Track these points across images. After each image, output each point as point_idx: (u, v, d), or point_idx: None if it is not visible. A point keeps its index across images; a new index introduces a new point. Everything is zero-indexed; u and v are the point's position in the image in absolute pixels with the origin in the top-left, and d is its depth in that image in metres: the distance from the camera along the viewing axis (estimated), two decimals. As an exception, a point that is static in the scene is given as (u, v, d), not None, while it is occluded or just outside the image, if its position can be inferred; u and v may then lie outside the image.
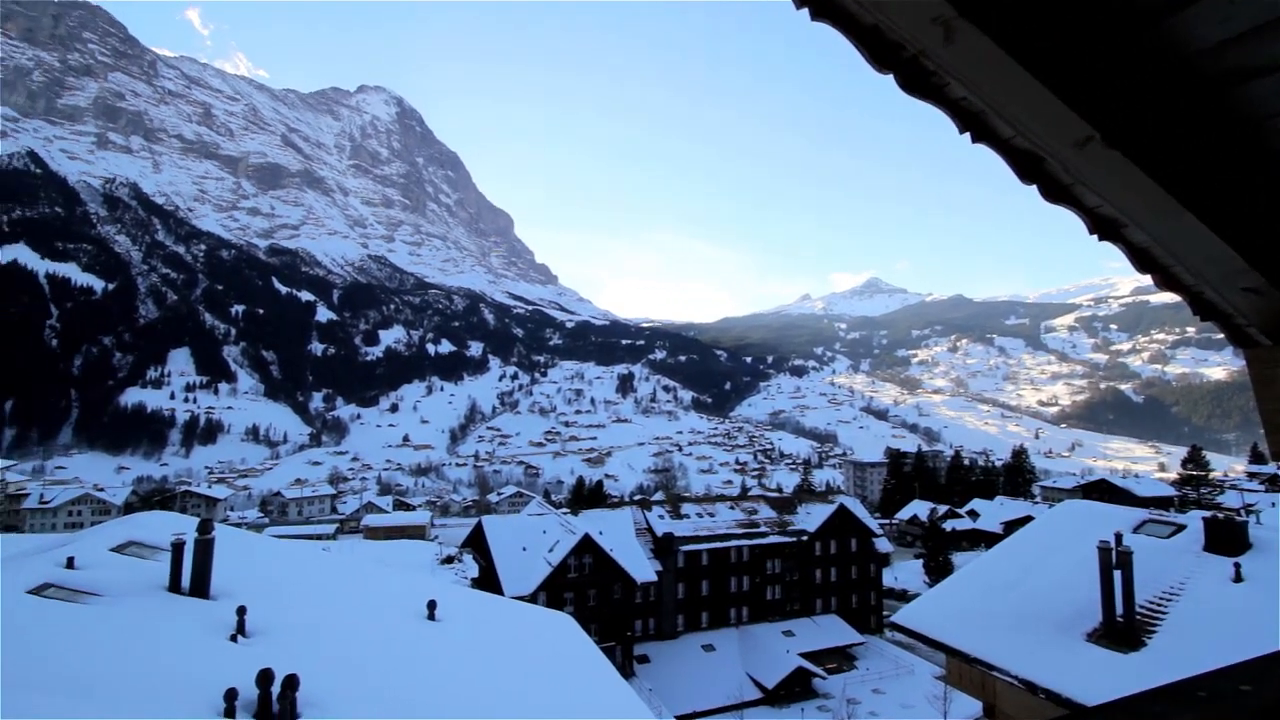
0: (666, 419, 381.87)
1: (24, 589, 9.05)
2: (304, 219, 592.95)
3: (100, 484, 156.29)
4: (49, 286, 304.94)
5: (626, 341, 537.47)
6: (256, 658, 8.49)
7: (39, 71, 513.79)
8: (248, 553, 13.82)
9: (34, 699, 6.42)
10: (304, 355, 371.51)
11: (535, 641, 14.66)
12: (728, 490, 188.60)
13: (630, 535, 49.03)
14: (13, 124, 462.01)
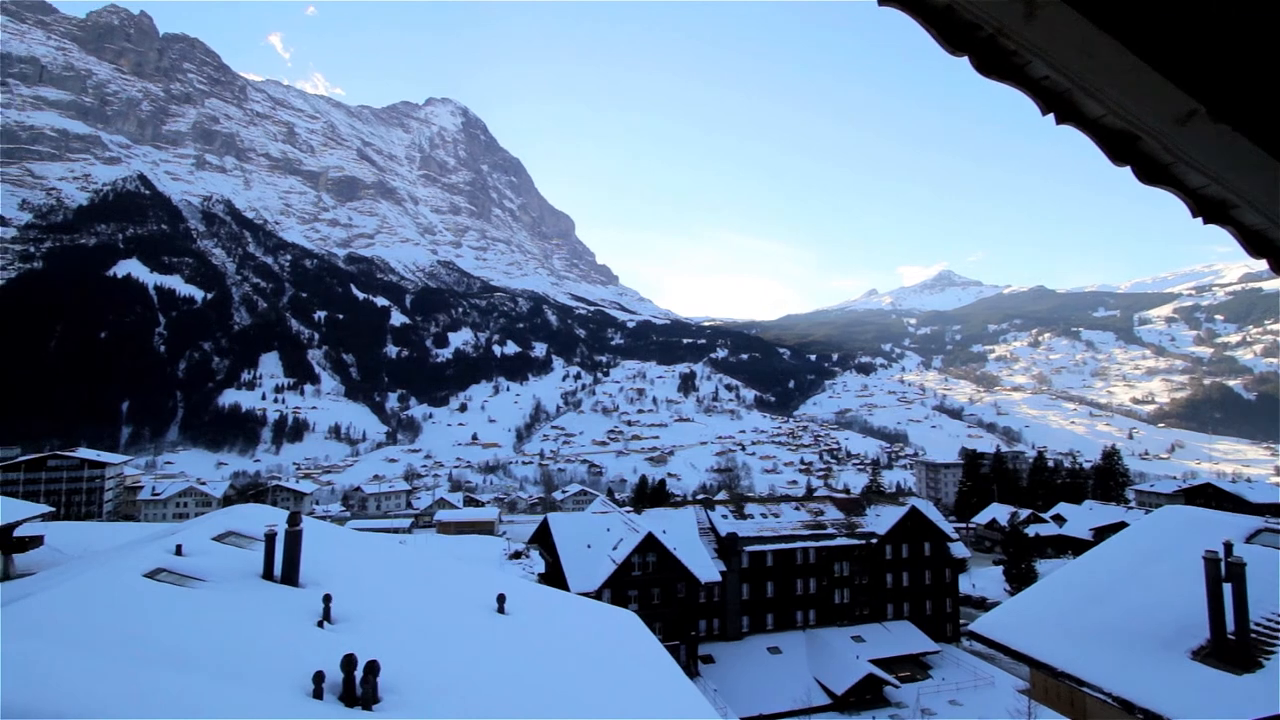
0: (729, 418, 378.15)
1: (140, 572, 9.92)
2: (378, 228, 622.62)
3: (202, 478, 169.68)
4: (157, 297, 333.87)
5: (688, 340, 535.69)
6: (341, 643, 9.00)
7: (147, 102, 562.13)
8: (332, 544, 14.64)
9: (148, 672, 7.04)
10: (380, 357, 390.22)
11: (601, 638, 14.83)
12: (792, 490, 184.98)
13: (693, 535, 48.88)
14: (125, 150, 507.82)
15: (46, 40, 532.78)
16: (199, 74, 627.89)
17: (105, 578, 9.32)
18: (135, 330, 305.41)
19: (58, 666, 6.49)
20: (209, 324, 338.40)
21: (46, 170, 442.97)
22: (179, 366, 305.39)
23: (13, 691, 5.80)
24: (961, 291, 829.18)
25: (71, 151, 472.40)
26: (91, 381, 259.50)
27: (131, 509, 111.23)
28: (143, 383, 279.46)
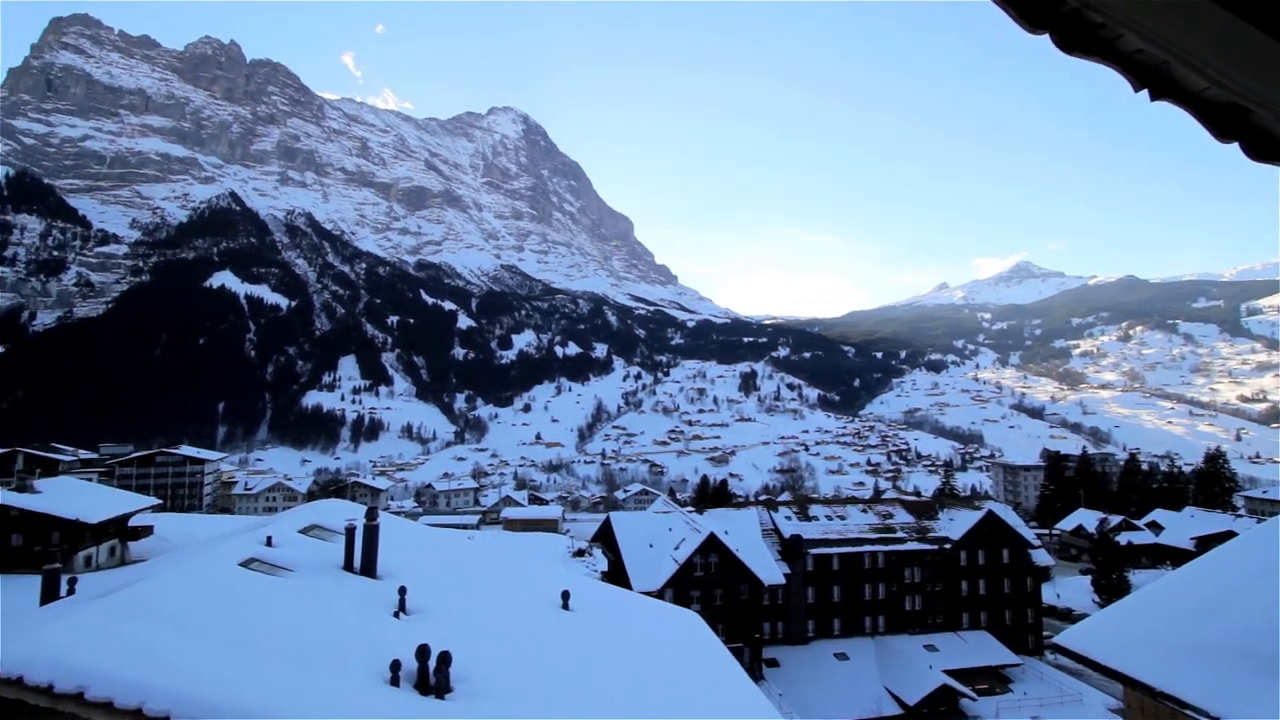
0: (791, 418, 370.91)
1: (236, 562, 10.69)
2: (445, 235, 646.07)
3: (289, 474, 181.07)
4: (247, 306, 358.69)
5: (748, 339, 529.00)
6: (415, 633, 9.40)
7: (236, 124, 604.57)
8: (406, 538, 15.30)
9: (242, 654, 7.57)
10: (448, 360, 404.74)
11: (664, 636, 14.86)
12: (859, 492, 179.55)
13: (756, 536, 48.23)
14: (218, 170, 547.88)
15: (151, 72, 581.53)
16: (281, 96, 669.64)
17: (206, 566, 10.08)
18: (229, 337, 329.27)
19: (165, 645, 7.07)
20: (293, 330, 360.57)
21: (152, 191, 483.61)
22: (267, 370, 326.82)
23: (128, 666, 6.36)
24: (1041, 283, 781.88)
25: (172, 173, 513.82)
26: (192, 384, 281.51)
27: (227, 502, 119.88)
28: (235, 385, 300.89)
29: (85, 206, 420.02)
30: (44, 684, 5.96)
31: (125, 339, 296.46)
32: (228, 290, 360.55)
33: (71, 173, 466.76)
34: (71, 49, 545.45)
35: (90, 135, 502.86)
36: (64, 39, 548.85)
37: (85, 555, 39.16)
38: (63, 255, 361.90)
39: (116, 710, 6.06)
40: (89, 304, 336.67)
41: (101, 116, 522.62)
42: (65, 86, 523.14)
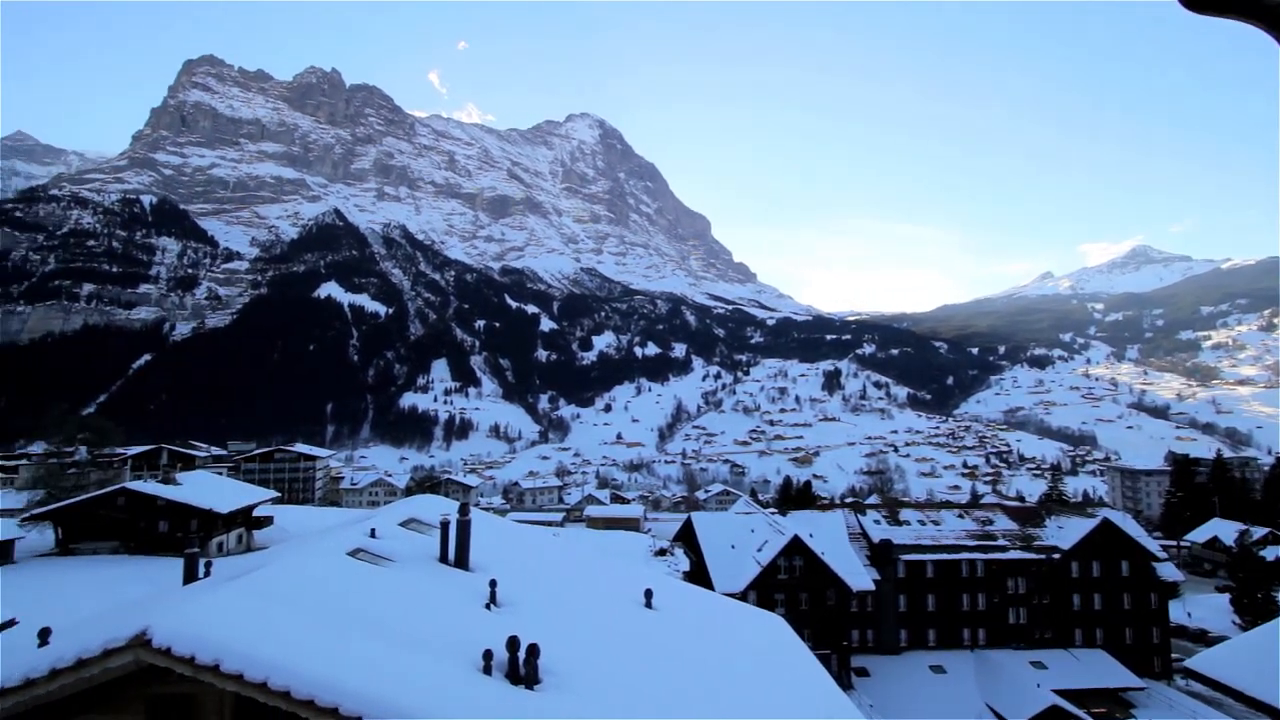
0: (879, 417, 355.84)
1: (344, 551, 11.53)
2: (527, 241, 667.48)
3: (389, 471, 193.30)
4: (350, 314, 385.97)
5: (831, 336, 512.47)
6: (505, 625, 9.78)
7: (339, 146, 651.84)
8: (496, 533, 15.96)
9: (349, 636, 8.16)
10: (531, 361, 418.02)
11: (749, 639, 14.67)
12: (954, 496, 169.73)
13: (843, 539, 46.65)
14: (323, 189, 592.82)
15: (265, 103, 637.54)
16: (377, 116, 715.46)
17: (319, 555, 10.95)
18: (335, 343, 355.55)
19: (286, 626, 7.74)
20: (390, 335, 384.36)
21: (267, 211, 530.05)
22: (368, 373, 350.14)
23: (256, 643, 7.02)
24: (1163, 269, 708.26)
25: (285, 194, 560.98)
26: (304, 387, 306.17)
27: (336, 496, 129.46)
28: (341, 388, 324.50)
29: (213, 228, 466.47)
30: (188, 655, 6.69)
31: (248, 346, 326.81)
32: (333, 300, 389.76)
33: (201, 198, 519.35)
34: (200, 87, 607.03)
35: (216, 163, 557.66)
36: (194, 78, 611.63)
37: (218, 541, 43.48)
38: (196, 272, 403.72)
39: (245, 682, 6.71)
40: (217, 315, 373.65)
41: (225, 146, 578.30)
42: (196, 121, 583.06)
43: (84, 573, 36.34)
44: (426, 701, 6.99)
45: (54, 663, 6.80)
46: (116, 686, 7.25)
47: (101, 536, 41.72)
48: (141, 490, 42.64)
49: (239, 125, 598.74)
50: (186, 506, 42.20)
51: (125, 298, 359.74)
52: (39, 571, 36.91)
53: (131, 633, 6.67)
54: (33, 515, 42.89)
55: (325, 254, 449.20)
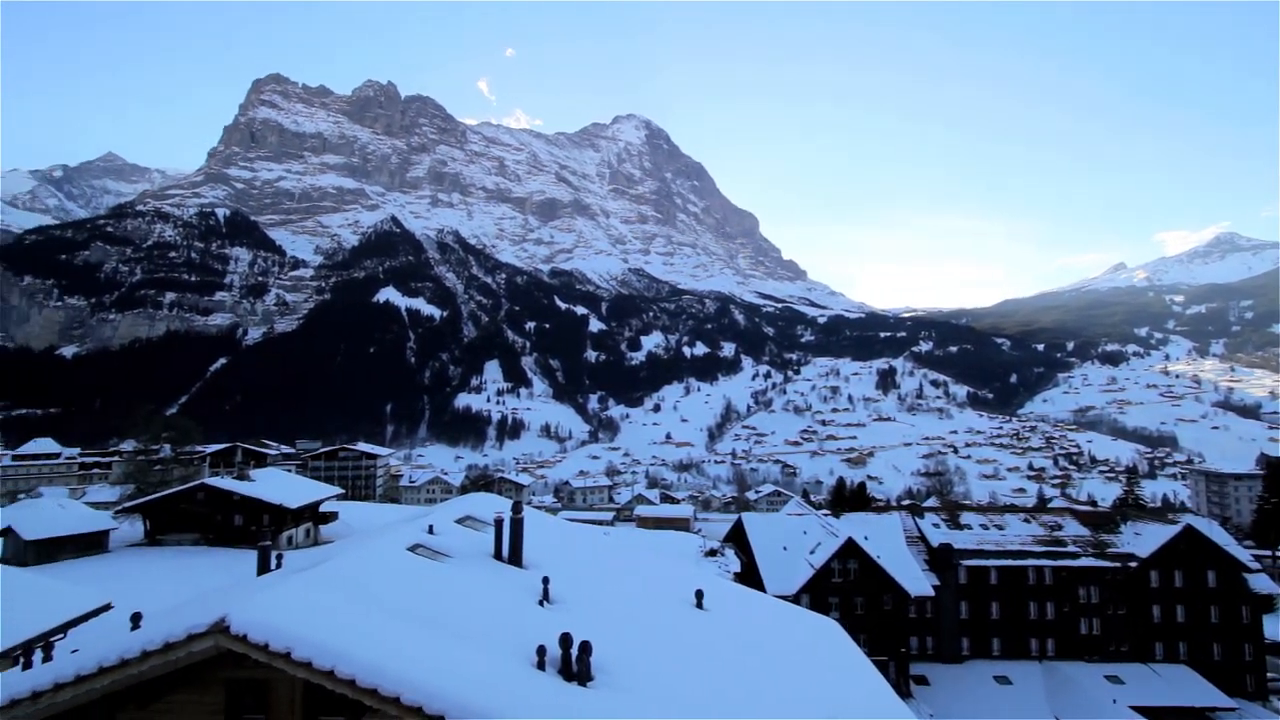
0: (936, 417, 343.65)
1: (404, 547, 11.96)
2: (575, 243, 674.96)
3: (445, 469, 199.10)
4: (407, 317, 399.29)
5: (885, 334, 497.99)
6: (557, 621, 9.93)
7: (395, 156, 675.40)
8: (548, 531, 16.22)
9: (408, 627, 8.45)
10: (581, 362, 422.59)
11: (802, 642, 14.43)
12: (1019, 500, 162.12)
13: (899, 543, 45.26)
14: (381, 198, 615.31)
15: (327, 117, 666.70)
16: (431, 126, 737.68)
17: (381, 550, 11.38)
18: (393, 345, 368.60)
19: (351, 616, 8.09)
20: (445, 338, 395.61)
21: (330, 220, 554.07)
22: (424, 375, 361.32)
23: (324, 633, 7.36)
24: (1251, 258, 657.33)
25: (345, 203, 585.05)
26: (365, 388, 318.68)
27: (395, 493, 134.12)
28: (399, 389, 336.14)
29: (281, 237, 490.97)
30: (262, 642, 7.08)
31: (313, 349, 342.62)
32: (391, 304, 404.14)
33: (270, 209, 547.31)
34: (267, 104, 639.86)
35: (283, 176, 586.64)
36: (261, 96, 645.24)
37: (288, 535, 45.75)
38: (265, 280, 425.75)
39: (314, 670, 7.06)
40: (285, 320, 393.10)
41: (291, 159, 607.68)
42: (264, 136, 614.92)
43: (169, 562, 38.92)
44: (483, 694, 7.17)
45: (144, 645, 7.32)
46: (200, 668, 7.74)
47: (184, 529, 44.56)
48: (219, 486, 45.33)
49: (303, 139, 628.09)
50: (259, 501, 44.61)
51: (203, 305, 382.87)
52: (130, 560, 39.74)
53: (212, 620, 7.12)
54: (124, 508, 46.26)
55: (384, 260, 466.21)
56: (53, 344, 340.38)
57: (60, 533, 39.98)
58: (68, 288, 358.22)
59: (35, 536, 38.46)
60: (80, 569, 34.46)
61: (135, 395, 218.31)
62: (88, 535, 41.62)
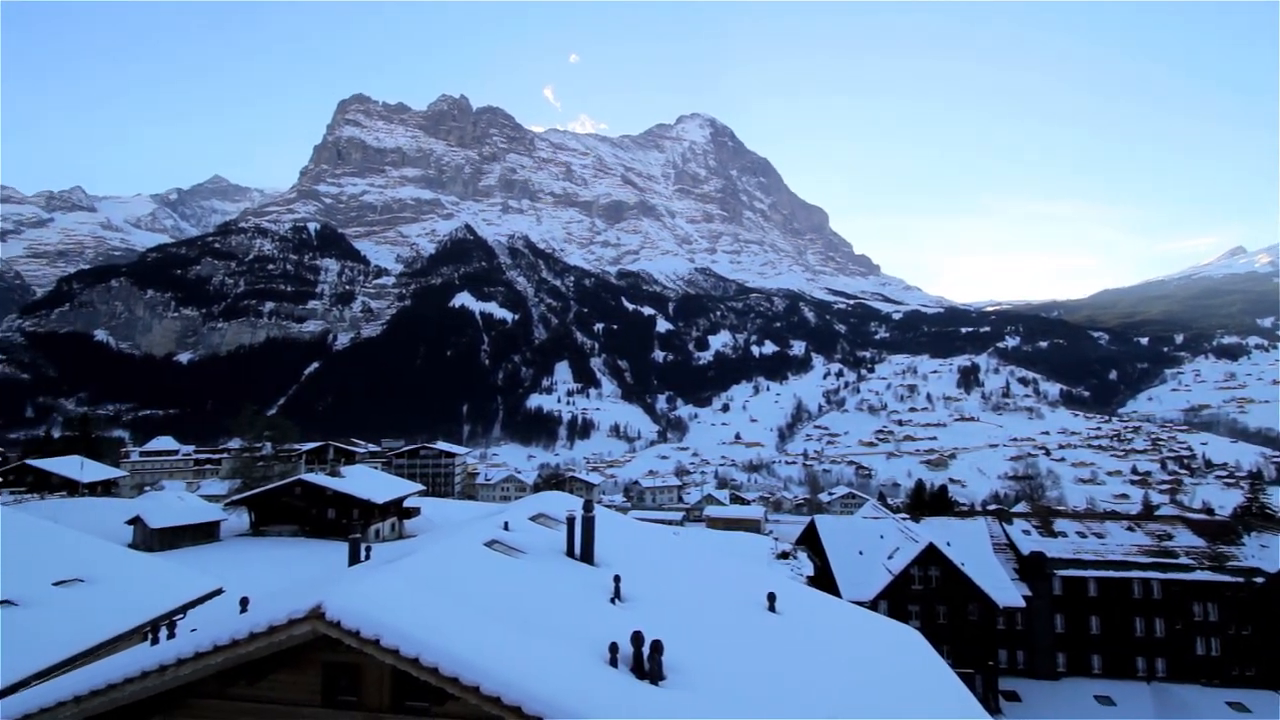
0: (1025, 416, 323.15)
1: (481, 542, 12.40)
2: (642, 244, 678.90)
3: (518, 468, 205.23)
4: (481, 321, 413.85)
5: (967, 329, 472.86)
6: (629, 620, 10.02)
7: (468, 166, 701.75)
8: (618, 530, 16.39)
9: (486, 620, 8.76)
10: (649, 362, 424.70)
11: (880, 651, 13.94)
12: (1121, 506, 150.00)
13: (985, 550, 42.88)
14: (455, 207, 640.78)
15: (405, 133, 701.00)
16: (500, 135, 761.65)
17: (460, 544, 11.85)
18: (468, 348, 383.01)
19: (434, 607, 8.47)
20: (517, 340, 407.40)
21: (409, 230, 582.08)
22: (497, 376, 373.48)
23: (409, 622, 7.75)
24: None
25: (423, 213, 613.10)
26: (443, 389, 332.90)
27: (472, 490, 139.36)
28: (474, 390, 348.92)
29: (365, 248, 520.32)
30: (353, 629, 7.54)
31: (395, 353, 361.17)
32: (466, 308, 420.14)
33: (355, 222, 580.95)
34: (352, 123, 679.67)
35: (366, 190, 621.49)
36: (346, 116, 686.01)
37: (375, 528, 48.42)
38: (352, 289, 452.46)
39: (401, 657, 7.45)
40: (370, 326, 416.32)
41: (373, 174, 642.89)
42: (349, 154, 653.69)
43: (271, 551, 42.04)
44: (557, 687, 7.34)
45: (251, 627, 7.95)
46: (300, 650, 8.33)
47: (284, 521, 48.00)
48: (314, 481, 48.55)
49: (384, 154, 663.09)
50: (349, 497, 47.45)
51: (297, 313, 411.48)
52: (237, 548, 43.23)
53: (309, 606, 7.64)
54: (232, 501, 50.37)
55: (459, 266, 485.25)
56: (171, 351, 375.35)
57: (180, 522, 43.99)
58: (183, 299, 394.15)
59: (159, 525, 42.50)
60: (196, 556, 37.79)
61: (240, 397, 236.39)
62: (202, 525, 45.58)
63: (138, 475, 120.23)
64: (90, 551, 21.97)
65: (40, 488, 61.32)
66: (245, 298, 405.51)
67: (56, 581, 19.10)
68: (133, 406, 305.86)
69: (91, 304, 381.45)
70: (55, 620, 17.27)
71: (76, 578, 19.65)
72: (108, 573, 20.73)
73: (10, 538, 20.71)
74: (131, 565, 22.42)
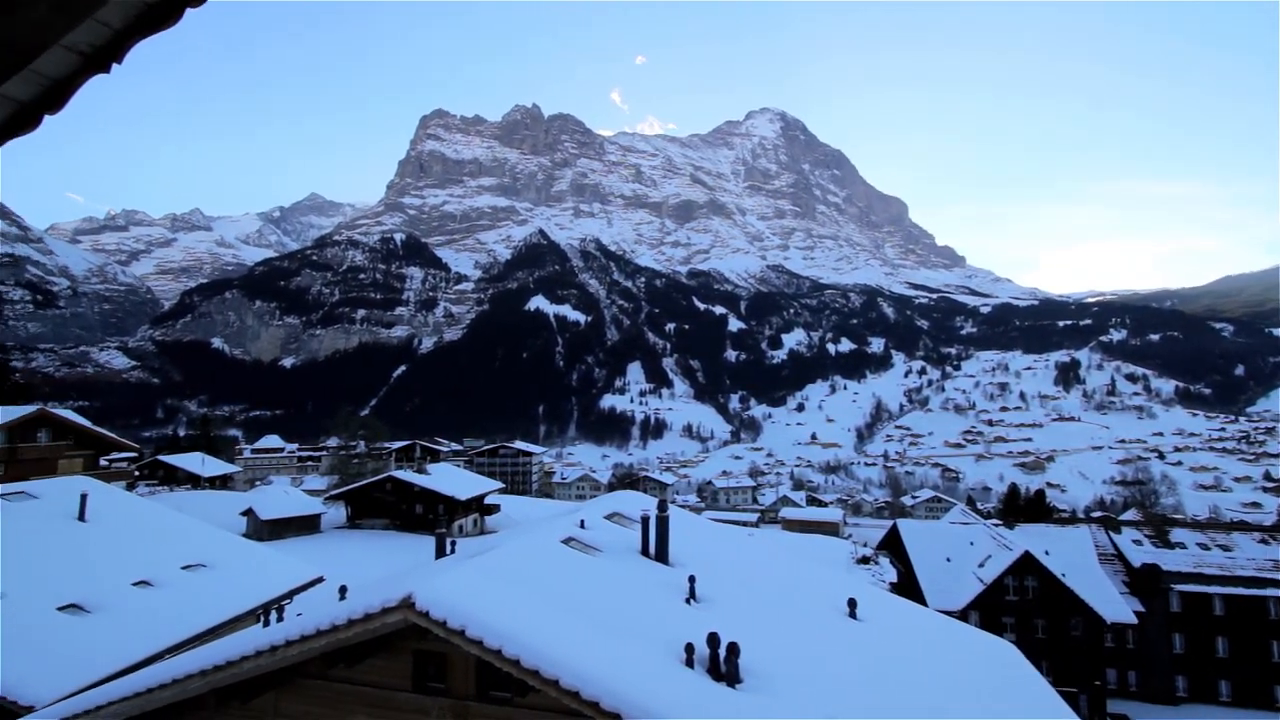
0: (1135, 416, 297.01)
1: (558, 539, 12.70)
2: (712, 243, 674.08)
3: (593, 467, 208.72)
4: (555, 323, 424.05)
5: (1064, 322, 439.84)
6: (704, 621, 9.98)
7: (540, 173, 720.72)
8: (693, 530, 16.36)
9: (563, 615, 8.96)
10: (721, 362, 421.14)
11: (973, 664, 13.21)
12: (1252, 516, 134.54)
13: (1090, 561, 39.76)
14: (529, 213, 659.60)
15: (481, 144, 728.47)
16: (571, 141, 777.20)
17: (538, 541, 12.20)
18: (543, 351, 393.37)
19: (512, 601, 8.76)
20: (590, 342, 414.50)
21: (486, 237, 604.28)
22: (572, 377, 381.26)
23: (492, 615, 8.06)
24: None
25: (499, 220, 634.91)
26: (519, 390, 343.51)
27: (548, 488, 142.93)
28: (549, 391, 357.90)
29: (446, 256, 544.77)
30: (441, 619, 7.92)
31: (475, 356, 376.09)
32: (541, 311, 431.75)
33: (437, 231, 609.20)
34: (433, 138, 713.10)
35: (447, 200, 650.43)
36: (428, 131, 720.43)
37: (459, 524, 50.57)
38: (435, 295, 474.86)
39: (485, 648, 7.75)
40: (452, 330, 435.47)
41: (452, 184, 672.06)
42: (430, 166, 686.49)
43: (365, 543, 44.78)
44: (634, 685, 7.42)
45: (349, 614, 8.50)
46: (393, 638, 8.84)
47: (376, 514, 51.00)
48: (403, 478, 51.30)
49: (462, 165, 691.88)
50: (435, 493, 49.81)
51: (386, 319, 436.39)
52: (336, 540, 46.30)
53: (400, 596, 8.09)
54: (331, 496, 54.06)
55: (533, 271, 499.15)
56: (276, 356, 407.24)
57: (286, 515, 47.65)
58: (286, 309, 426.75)
59: (268, 517, 46.20)
60: (300, 546, 40.81)
61: (336, 399, 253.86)
62: (305, 518, 49.14)
63: (249, 471, 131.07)
64: (211, 540, 24.19)
65: (169, 480, 68.10)
66: (339, 306, 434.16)
67: (184, 565, 21.18)
68: (244, 408, 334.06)
69: (209, 314, 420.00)
70: (183, 601, 19.15)
71: (200, 563, 21.71)
72: (226, 559, 22.76)
73: (148, 525, 23.15)
74: (245, 553, 24.51)
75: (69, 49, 1.54)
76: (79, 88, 1.69)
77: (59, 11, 1.42)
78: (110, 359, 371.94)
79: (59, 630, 15.92)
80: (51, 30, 1.47)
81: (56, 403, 64.56)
